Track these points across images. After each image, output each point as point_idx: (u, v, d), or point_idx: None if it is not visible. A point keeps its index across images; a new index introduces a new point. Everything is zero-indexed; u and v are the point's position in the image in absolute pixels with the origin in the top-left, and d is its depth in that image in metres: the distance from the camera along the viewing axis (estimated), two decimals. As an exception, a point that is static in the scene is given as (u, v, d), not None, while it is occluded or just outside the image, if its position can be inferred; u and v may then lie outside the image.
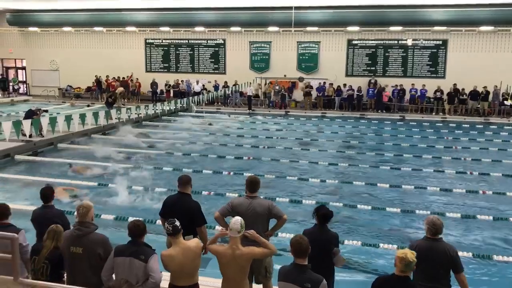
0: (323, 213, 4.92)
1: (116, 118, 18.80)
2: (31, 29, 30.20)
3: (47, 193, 5.46)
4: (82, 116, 16.87)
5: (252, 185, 5.36)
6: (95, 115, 17.59)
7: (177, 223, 4.44)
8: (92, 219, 4.61)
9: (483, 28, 23.66)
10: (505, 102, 23.35)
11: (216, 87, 26.53)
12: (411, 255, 3.89)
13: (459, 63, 24.13)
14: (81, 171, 12.22)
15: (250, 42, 27.29)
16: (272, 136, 17.86)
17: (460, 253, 7.10)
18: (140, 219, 4.78)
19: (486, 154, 15.01)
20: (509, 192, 10.63)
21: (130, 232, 4.43)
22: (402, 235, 8.28)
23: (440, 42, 24.85)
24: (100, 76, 28.18)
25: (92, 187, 10.76)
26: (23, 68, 31.88)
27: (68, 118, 16.21)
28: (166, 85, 27.55)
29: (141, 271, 4.31)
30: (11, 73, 32.30)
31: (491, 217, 8.97)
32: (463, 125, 20.75)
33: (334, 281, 4.97)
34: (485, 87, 23.09)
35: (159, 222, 6.09)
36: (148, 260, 4.30)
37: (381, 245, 7.57)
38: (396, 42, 25.48)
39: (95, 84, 28.47)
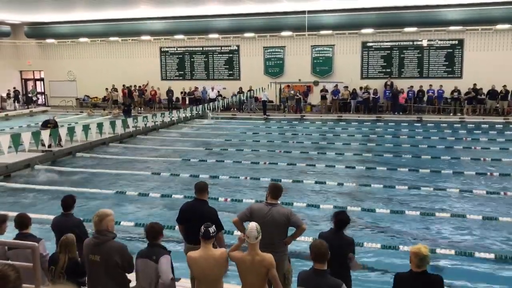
0: (339, 219, 4.93)
1: (133, 127, 18.99)
2: (48, 41, 30.74)
3: (68, 202, 5.55)
4: (100, 125, 17.08)
5: (275, 191, 5.32)
6: (112, 124, 17.78)
7: (211, 229, 4.44)
8: (109, 228, 4.63)
9: (500, 26, 23.30)
10: (525, 100, 22.94)
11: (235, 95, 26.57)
12: (424, 249, 3.97)
13: (476, 63, 23.77)
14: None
15: (264, 47, 27.33)
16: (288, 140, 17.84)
17: (482, 254, 7.10)
18: (157, 221, 4.79)
19: (507, 154, 14.73)
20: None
21: (146, 234, 4.59)
22: (421, 237, 8.17)
23: (456, 42, 24.55)
24: (112, 87, 28.64)
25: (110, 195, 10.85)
26: (41, 79, 32.44)
27: (86, 128, 16.43)
28: (181, 92, 27.74)
29: (153, 272, 4.38)
30: (30, 85, 32.87)
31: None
32: (482, 125, 20.43)
33: (351, 285, 4.95)
34: (504, 86, 22.72)
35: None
36: (158, 260, 4.37)
37: (400, 247, 7.46)
38: (411, 43, 25.25)
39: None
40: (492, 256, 7.07)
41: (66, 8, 23.97)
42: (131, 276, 4.66)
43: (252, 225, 4.42)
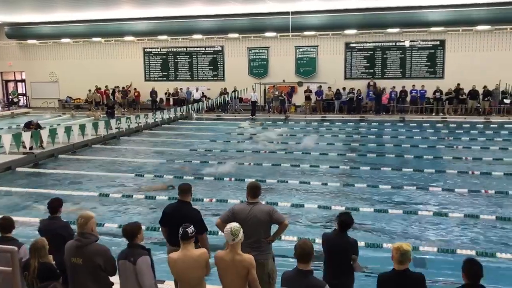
0: (341, 220, 4.96)
1: (116, 128, 18.84)
2: (29, 41, 30.31)
3: (54, 205, 5.49)
4: (82, 127, 16.89)
5: (253, 190, 5.35)
6: (95, 125, 17.61)
7: (189, 229, 4.42)
8: (92, 230, 4.60)
9: (480, 27, 23.69)
10: (505, 100, 23.34)
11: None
12: (406, 245, 4.07)
13: (457, 63, 24.13)
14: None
15: (248, 48, 27.34)
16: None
17: (464, 251, 7.20)
18: (137, 221, 4.76)
19: (487, 153, 14.97)
20: (511, 191, 10.61)
21: (123, 233, 4.51)
22: (405, 235, 8.25)
23: (438, 43, 24.88)
24: (95, 88, 28.39)
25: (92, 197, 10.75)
26: (23, 80, 31.96)
27: (68, 129, 16.24)
28: (165, 93, 27.61)
29: (131, 273, 4.30)
30: (11, 86, 32.38)
31: (493, 217, 8.95)
32: (464, 125, 20.72)
33: (353, 286, 5.00)
34: (485, 86, 23.09)
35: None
36: (136, 262, 4.30)
37: (384, 245, 7.52)
38: (394, 43, 25.51)
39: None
40: (473, 253, 7.17)
41: (48, 9, 23.68)
42: (115, 279, 4.62)
43: (227, 228, 4.38)
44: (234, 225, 4.42)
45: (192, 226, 4.48)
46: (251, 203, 5.30)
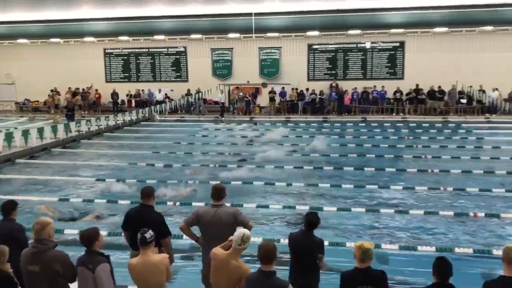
0: (308, 220, 5.01)
1: (75, 131, 18.37)
2: (-17, 42, 29.21)
3: (7, 207, 5.30)
4: (41, 130, 16.38)
5: (218, 192, 5.31)
6: (54, 128, 17.12)
7: (148, 235, 4.36)
8: (49, 236, 4.44)
9: (438, 29, 24.45)
10: (461, 100, 24.14)
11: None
12: (367, 243, 4.16)
13: (416, 64, 24.80)
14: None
15: (211, 49, 27.23)
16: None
17: (424, 248, 7.37)
18: (95, 226, 4.64)
19: (446, 151, 15.42)
20: (468, 187, 10.95)
21: (80, 240, 4.37)
22: (367, 233, 8.38)
23: (398, 44, 25.50)
24: (54, 90, 27.61)
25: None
26: (-23, 82, 30.71)
27: (26, 133, 15.71)
28: (127, 95, 27.14)
29: (90, 282, 4.19)
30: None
31: (452, 213, 9.21)
32: (423, 124, 21.29)
33: (318, 285, 5.04)
34: (439, 86, 23.88)
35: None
36: (95, 270, 4.18)
37: (347, 243, 7.60)
38: (355, 45, 25.97)
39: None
40: (433, 249, 7.34)
41: (3, 8, 22.87)
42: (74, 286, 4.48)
43: (241, 231, 4.34)
44: (248, 232, 4.37)
45: (150, 230, 4.40)
46: (216, 205, 5.26)
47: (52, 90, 27.81)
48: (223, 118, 24.66)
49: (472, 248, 7.44)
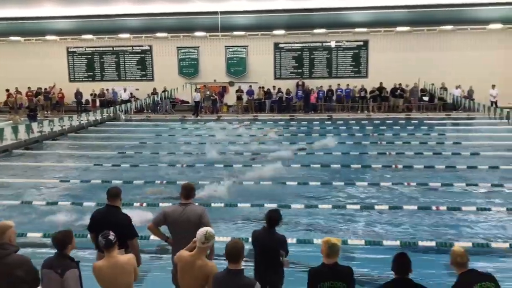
0: (269, 217, 5.05)
1: (38, 132, 17.89)
2: None
3: None
4: (1, 131, 15.87)
5: (187, 191, 5.34)
6: (15, 129, 16.62)
7: (111, 236, 4.31)
8: (10, 240, 4.32)
9: (400, 28, 25.02)
10: (424, 98, 24.79)
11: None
12: (334, 239, 4.27)
13: (380, 63, 25.32)
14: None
15: (177, 47, 27.02)
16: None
17: (389, 242, 7.54)
18: (69, 229, 4.53)
19: (409, 147, 15.80)
20: (431, 182, 11.28)
21: (53, 243, 4.28)
22: (334, 229, 8.51)
23: (362, 43, 25.96)
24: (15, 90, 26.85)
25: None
26: None
27: (-16, 134, 15.21)
28: (91, 94, 26.63)
29: (56, 285, 4.10)
30: None
31: (415, 207, 9.47)
32: (387, 121, 21.75)
33: (283, 281, 5.08)
34: (400, 84, 24.46)
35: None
36: (64, 274, 4.10)
37: (314, 240, 7.68)
38: (320, 44, 26.28)
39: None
40: (397, 243, 7.53)
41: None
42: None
43: (203, 230, 4.34)
44: (210, 230, 4.37)
45: (111, 232, 4.35)
46: (184, 204, 5.28)
47: (7, 90, 26.96)
48: (200, 117, 24.55)
49: (435, 241, 7.65)
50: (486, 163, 13.18)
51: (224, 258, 4.10)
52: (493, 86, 23.35)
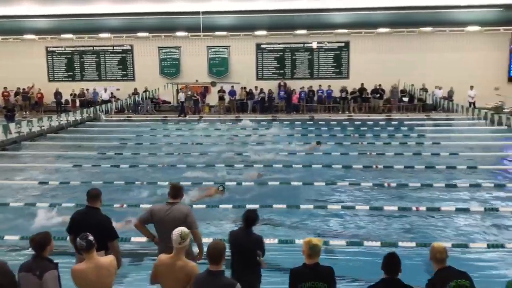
0: (246, 216, 5.07)
1: (16, 133, 17.56)
2: None
3: None
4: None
5: (174, 191, 5.39)
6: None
7: (91, 237, 4.27)
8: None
9: (380, 30, 25.28)
10: (404, 98, 25.09)
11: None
12: (316, 240, 4.29)
13: (361, 64, 25.55)
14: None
15: (159, 47, 26.84)
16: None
17: (370, 243, 7.60)
18: (47, 231, 4.47)
19: (389, 148, 15.96)
20: (410, 183, 11.40)
21: (31, 244, 4.23)
22: (316, 230, 8.54)
23: (343, 44, 26.15)
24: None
25: None
26: None
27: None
28: (71, 94, 26.27)
29: None
30: None
31: (396, 207, 9.56)
32: (368, 122, 21.95)
33: (260, 281, 5.10)
34: (379, 85, 24.72)
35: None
36: (42, 276, 4.04)
37: (296, 241, 7.70)
38: (302, 45, 26.39)
39: None
40: (378, 244, 7.59)
41: None
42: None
43: (177, 230, 4.34)
44: (184, 229, 4.38)
45: (89, 234, 4.31)
46: (171, 203, 5.31)
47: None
48: (183, 117, 24.45)
49: (415, 241, 7.73)
50: (465, 163, 13.39)
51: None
52: (471, 87, 23.76)
